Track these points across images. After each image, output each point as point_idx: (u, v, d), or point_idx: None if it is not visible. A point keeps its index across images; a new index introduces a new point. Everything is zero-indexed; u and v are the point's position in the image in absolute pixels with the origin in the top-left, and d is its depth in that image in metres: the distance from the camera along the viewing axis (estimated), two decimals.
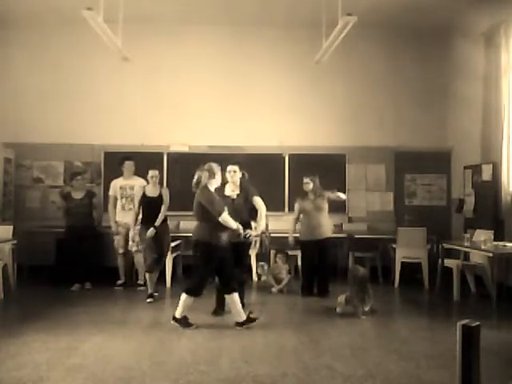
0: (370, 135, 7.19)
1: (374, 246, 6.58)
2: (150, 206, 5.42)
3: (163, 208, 5.49)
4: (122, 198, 6.04)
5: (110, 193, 6.10)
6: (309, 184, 5.64)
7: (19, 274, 6.00)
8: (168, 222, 5.63)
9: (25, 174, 7.11)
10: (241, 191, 4.66)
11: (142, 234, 5.39)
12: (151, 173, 5.47)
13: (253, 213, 4.63)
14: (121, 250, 6.01)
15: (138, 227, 5.51)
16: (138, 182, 5.95)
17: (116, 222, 6.00)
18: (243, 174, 4.76)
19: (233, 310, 4.18)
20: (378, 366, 3.34)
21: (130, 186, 6.02)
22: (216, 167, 4.23)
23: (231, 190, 4.66)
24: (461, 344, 1.89)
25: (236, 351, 3.51)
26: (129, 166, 6.06)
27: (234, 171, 4.66)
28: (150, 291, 5.31)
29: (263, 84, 7.21)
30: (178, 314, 4.17)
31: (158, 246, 5.37)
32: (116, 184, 6.09)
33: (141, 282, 5.87)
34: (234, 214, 4.29)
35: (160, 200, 5.42)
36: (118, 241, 6.00)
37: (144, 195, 5.44)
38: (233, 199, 4.59)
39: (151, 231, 5.29)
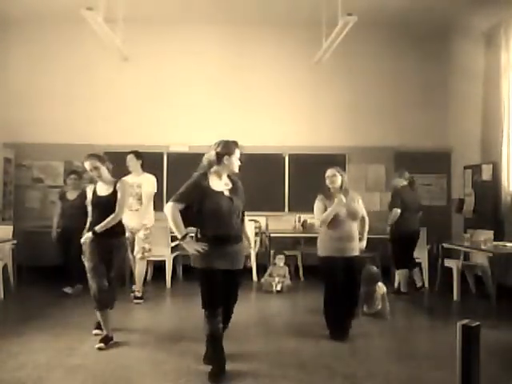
0: (370, 135, 7.18)
1: (374, 246, 6.57)
2: (101, 209, 3.78)
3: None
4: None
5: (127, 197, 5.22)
6: (336, 178, 3.99)
7: (19, 274, 6.00)
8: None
9: (25, 174, 7.10)
10: (234, 186, 3.22)
11: (94, 249, 3.69)
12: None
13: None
14: (130, 256, 5.26)
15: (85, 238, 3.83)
16: (145, 179, 5.41)
17: None
18: None
19: None
20: (378, 365, 3.34)
21: (137, 184, 5.37)
22: None
23: (224, 184, 3.17)
24: (461, 344, 1.89)
25: (236, 351, 3.51)
26: (128, 161, 5.41)
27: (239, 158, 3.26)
28: (104, 332, 3.76)
29: (263, 84, 7.21)
30: None
31: (109, 264, 3.72)
32: None
33: (138, 294, 5.23)
34: (232, 220, 3.08)
35: (115, 200, 3.80)
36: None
37: (94, 194, 3.87)
38: (229, 197, 3.11)
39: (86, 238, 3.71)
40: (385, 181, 7.28)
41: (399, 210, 5.50)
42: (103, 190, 3.84)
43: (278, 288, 5.75)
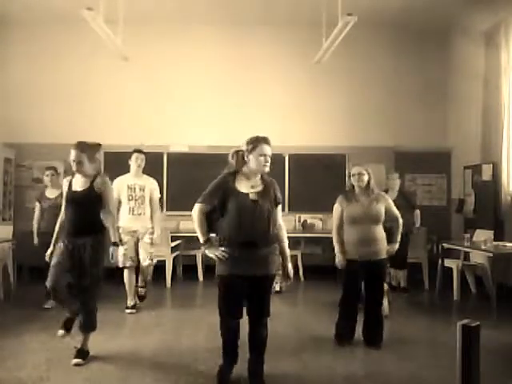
0: (370, 135, 7.18)
1: None
2: (75, 206, 3.39)
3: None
4: (129, 200, 4.84)
5: (114, 194, 4.42)
6: (363, 176, 3.78)
7: (19, 274, 6.00)
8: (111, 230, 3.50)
9: (25, 174, 7.10)
10: (265, 189, 2.92)
11: (64, 253, 3.37)
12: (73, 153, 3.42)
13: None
14: (128, 263, 4.73)
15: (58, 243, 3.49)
16: (149, 182, 4.97)
17: (119, 229, 4.55)
18: None
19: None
20: (377, 366, 3.34)
21: (140, 186, 4.87)
22: None
23: (250, 186, 2.90)
24: (461, 344, 1.89)
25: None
26: (139, 160, 4.90)
27: (269, 156, 2.96)
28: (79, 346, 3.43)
29: (263, 84, 7.21)
30: None
31: (81, 268, 3.33)
32: (122, 183, 4.84)
33: (141, 292, 4.95)
34: (254, 225, 2.81)
35: (92, 196, 3.39)
36: (125, 251, 4.53)
37: (69, 189, 3.47)
38: (254, 200, 2.84)
39: (113, 251, 3.45)
40: (385, 181, 7.27)
41: None
42: (79, 184, 3.45)
43: (278, 288, 5.75)
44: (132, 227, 4.79)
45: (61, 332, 3.40)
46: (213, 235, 2.94)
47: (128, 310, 4.77)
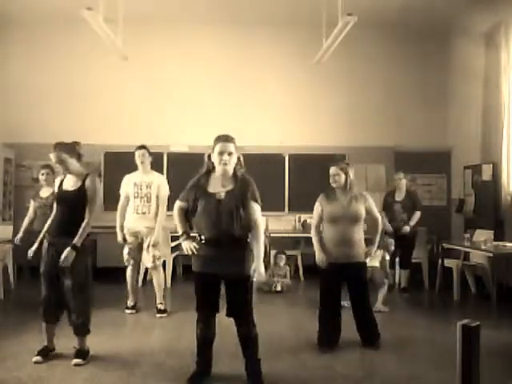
0: (370, 135, 7.18)
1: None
2: (64, 206, 3.35)
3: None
4: (135, 197, 4.69)
5: (122, 192, 4.79)
6: (339, 176, 3.76)
7: (19, 274, 5.99)
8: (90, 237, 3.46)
9: (25, 174, 7.10)
10: (235, 188, 2.89)
11: (48, 255, 3.31)
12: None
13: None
14: (132, 262, 4.73)
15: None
16: (156, 179, 4.78)
17: (123, 229, 4.71)
18: (239, 159, 2.98)
19: None
20: (378, 366, 3.34)
21: (147, 183, 4.70)
22: None
23: (221, 185, 2.90)
24: (461, 344, 1.89)
25: (236, 351, 3.50)
26: (140, 156, 4.77)
27: (230, 153, 2.89)
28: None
29: (263, 84, 7.21)
30: None
31: (65, 269, 3.23)
32: (129, 181, 4.76)
33: (161, 306, 4.74)
34: (217, 224, 2.81)
35: (82, 196, 3.32)
36: (129, 250, 4.71)
37: (60, 188, 3.42)
38: (219, 199, 2.85)
39: (68, 253, 3.19)
40: (385, 181, 7.28)
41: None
42: (70, 183, 3.39)
43: (278, 288, 5.75)
44: (135, 228, 4.69)
45: (37, 358, 3.32)
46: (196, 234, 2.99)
47: (128, 310, 4.76)
